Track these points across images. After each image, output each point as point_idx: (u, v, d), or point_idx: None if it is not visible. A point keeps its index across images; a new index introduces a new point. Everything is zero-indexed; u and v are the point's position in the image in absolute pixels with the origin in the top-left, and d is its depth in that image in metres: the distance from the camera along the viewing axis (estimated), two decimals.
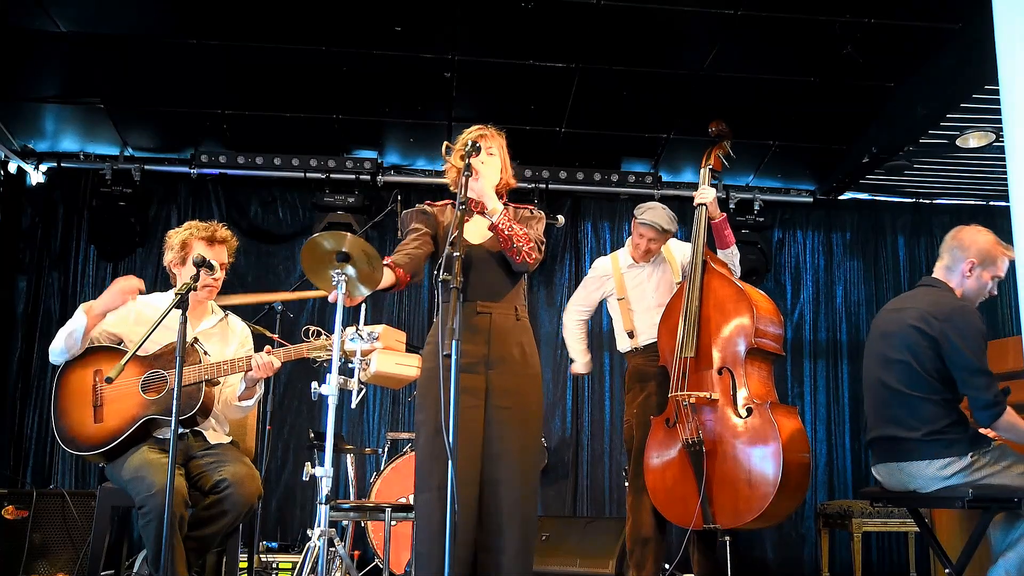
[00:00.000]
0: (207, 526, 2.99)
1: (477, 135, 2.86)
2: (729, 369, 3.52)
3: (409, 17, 4.34)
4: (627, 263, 4.06)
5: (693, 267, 3.75)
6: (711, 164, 3.98)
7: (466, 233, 2.57)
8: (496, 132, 2.92)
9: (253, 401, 3.29)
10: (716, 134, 4.03)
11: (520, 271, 2.77)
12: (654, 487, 3.61)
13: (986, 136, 4.89)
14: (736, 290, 3.63)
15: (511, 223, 2.70)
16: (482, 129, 2.90)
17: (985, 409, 2.98)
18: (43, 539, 4.40)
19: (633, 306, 3.97)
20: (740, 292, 3.61)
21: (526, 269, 2.76)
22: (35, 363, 5.42)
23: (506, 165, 2.92)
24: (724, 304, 3.63)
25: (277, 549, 4.97)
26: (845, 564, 5.11)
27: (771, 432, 3.33)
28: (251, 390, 3.22)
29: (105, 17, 4.37)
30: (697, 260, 3.75)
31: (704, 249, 3.77)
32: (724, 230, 3.86)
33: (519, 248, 2.69)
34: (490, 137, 2.88)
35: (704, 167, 3.98)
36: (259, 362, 3.06)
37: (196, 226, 3.32)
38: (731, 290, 3.64)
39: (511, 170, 2.95)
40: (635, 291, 3.99)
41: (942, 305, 3.11)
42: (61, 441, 3.16)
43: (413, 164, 5.77)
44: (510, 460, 2.63)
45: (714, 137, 4.04)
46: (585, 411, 5.69)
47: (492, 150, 2.87)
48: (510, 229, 2.69)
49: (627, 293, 3.98)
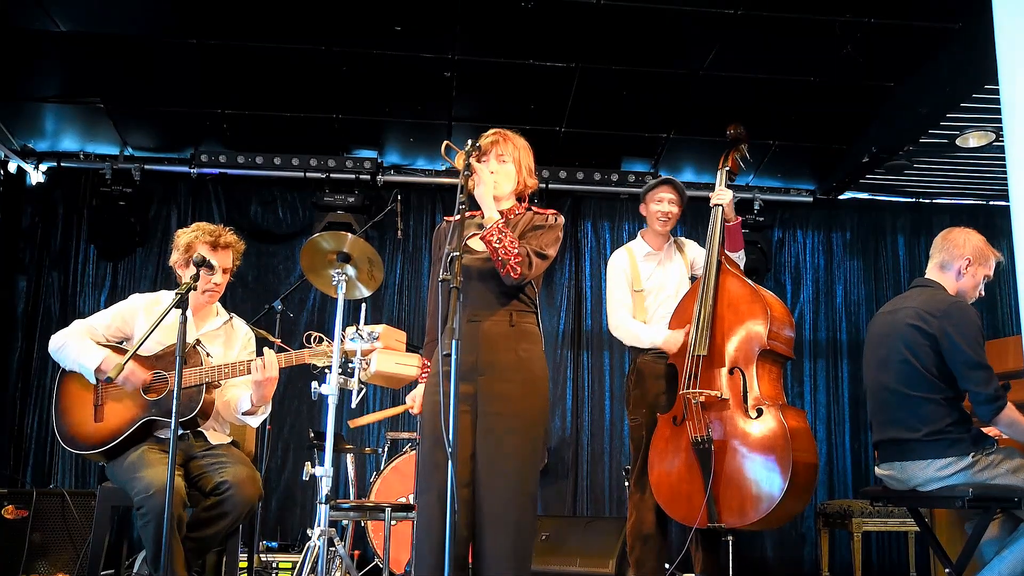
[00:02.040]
0: (207, 527, 2.99)
1: (491, 141, 2.81)
2: (741, 369, 3.53)
3: (409, 17, 4.34)
4: (643, 252, 4.02)
5: (708, 267, 3.75)
6: (728, 166, 3.98)
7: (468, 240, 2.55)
8: (514, 135, 2.85)
9: (257, 420, 3.26)
10: (734, 137, 4.02)
11: (509, 284, 2.67)
12: (658, 485, 3.60)
13: (986, 136, 4.89)
14: (751, 291, 3.64)
15: (502, 233, 2.62)
16: (498, 134, 2.84)
17: (986, 403, 2.98)
18: (43, 539, 4.40)
19: (649, 298, 3.95)
20: (755, 294, 3.62)
21: (512, 283, 2.65)
22: (35, 363, 5.42)
23: (522, 168, 2.84)
24: (738, 305, 3.63)
25: (277, 549, 4.97)
26: (845, 563, 5.11)
27: (781, 434, 3.33)
28: (257, 407, 3.16)
29: (105, 17, 4.37)
30: (712, 260, 3.75)
31: (720, 249, 3.77)
32: (737, 234, 3.87)
33: (504, 261, 2.61)
34: (503, 143, 2.82)
35: (721, 169, 3.97)
36: (259, 364, 3.03)
37: (203, 228, 3.31)
38: (746, 291, 3.65)
39: (532, 173, 2.88)
40: (651, 281, 3.97)
41: (938, 302, 3.12)
42: (61, 440, 3.17)
43: (413, 164, 5.77)
44: (500, 466, 2.58)
45: (731, 140, 4.03)
46: (585, 411, 5.69)
47: (505, 157, 2.80)
48: (498, 241, 2.61)
49: (643, 285, 3.97)
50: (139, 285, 5.50)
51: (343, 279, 2.76)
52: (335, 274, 2.76)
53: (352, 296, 2.86)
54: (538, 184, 2.92)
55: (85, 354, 3.10)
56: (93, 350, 3.11)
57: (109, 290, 5.56)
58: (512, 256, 2.61)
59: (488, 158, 2.79)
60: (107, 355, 3.11)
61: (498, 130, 2.86)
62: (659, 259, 4.01)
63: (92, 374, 3.11)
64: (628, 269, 3.99)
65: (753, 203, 5.84)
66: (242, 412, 3.19)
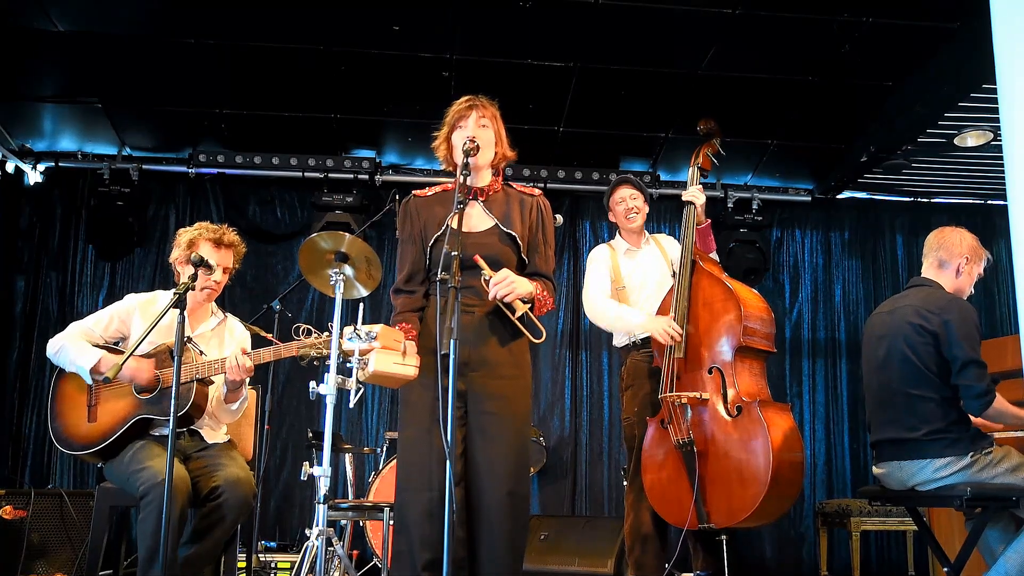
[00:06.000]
0: (206, 535, 3.00)
1: (467, 105, 2.75)
2: (719, 368, 3.51)
3: (407, 16, 4.34)
4: (623, 249, 4.01)
5: (682, 267, 3.73)
6: (699, 162, 3.94)
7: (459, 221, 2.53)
8: (488, 102, 2.80)
9: (239, 405, 3.28)
10: (705, 132, 3.99)
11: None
12: (651, 487, 3.61)
13: (984, 135, 4.90)
14: (724, 288, 3.60)
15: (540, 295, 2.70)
16: (473, 99, 2.78)
17: (978, 398, 2.99)
18: (41, 539, 4.40)
19: (632, 295, 3.93)
20: (728, 291, 3.59)
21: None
22: (33, 362, 5.42)
23: (501, 137, 2.79)
24: (713, 303, 3.61)
25: (276, 549, 4.96)
26: (844, 563, 5.12)
27: (760, 431, 3.32)
28: (234, 393, 3.21)
29: (103, 17, 4.36)
30: (686, 259, 3.72)
31: (693, 248, 3.74)
32: (707, 236, 3.84)
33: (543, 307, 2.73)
34: (482, 107, 2.76)
35: (693, 166, 3.94)
36: (231, 364, 3.05)
37: (206, 227, 3.31)
38: (719, 289, 3.62)
39: (507, 141, 2.82)
40: (631, 278, 3.95)
41: (938, 299, 3.13)
42: (56, 441, 3.18)
43: (411, 163, 5.77)
44: (495, 467, 2.56)
45: (703, 135, 4.00)
46: (584, 410, 5.69)
47: (484, 121, 2.75)
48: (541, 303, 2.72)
49: (624, 283, 3.95)
50: (137, 285, 5.50)
51: (341, 279, 2.76)
52: (333, 274, 2.75)
53: (350, 296, 2.86)
54: (515, 155, 2.86)
55: (82, 356, 3.11)
56: (90, 351, 3.12)
57: (107, 290, 5.56)
58: (548, 302, 2.73)
59: (466, 123, 2.74)
60: (104, 355, 3.12)
61: (471, 96, 2.80)
62: (639, 255, 4.01)
63: (88, 375, 3.11)
64: (610, 262, 3.98)
65: (751, 202, 5.84)
66: (224, 400, 3.23)
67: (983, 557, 3.16)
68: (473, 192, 2.74)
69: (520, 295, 2.60)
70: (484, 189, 2.78)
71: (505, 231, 2.74)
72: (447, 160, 2.81)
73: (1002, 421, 3.11)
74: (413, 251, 2.78)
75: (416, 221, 2.79)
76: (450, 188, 2.80)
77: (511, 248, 2.74)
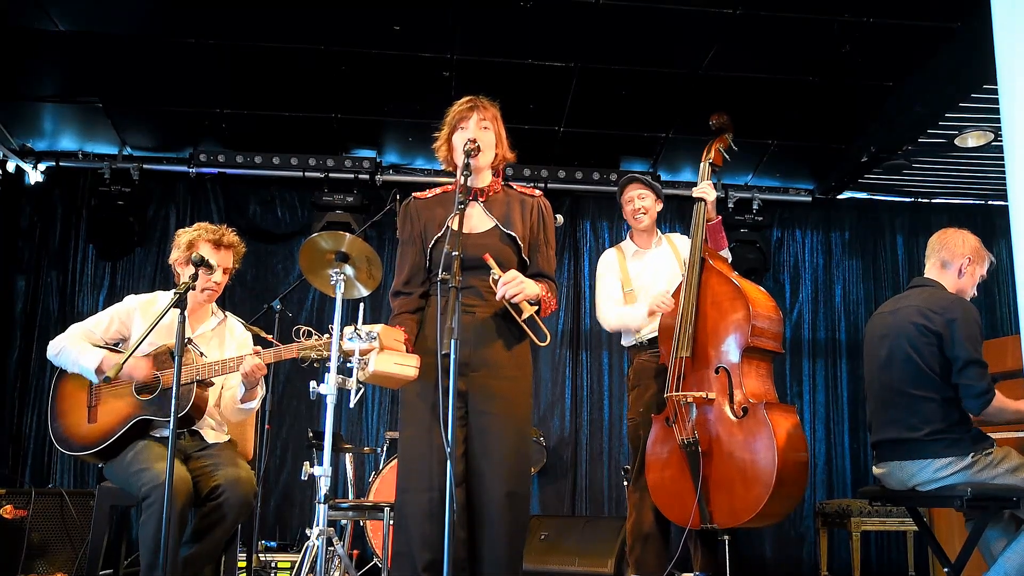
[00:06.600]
0: (208, 534, 3.00)
1: (469, 106, 2.75)
2: (726, 368, 3.47)
3: (408, 16, 4.34)
4: (631, 251, 3.99)
5: (690, 265, 3.66)
6: (711, 158, 3.87)
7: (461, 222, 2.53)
8: (489, 103, 2.79)
9: (255, 403, 3.28)
10: (717, 127, 3.91)
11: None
12: (655, 486, 3.59)
13: (985, 135, 4.89)
14: (733, 287, 3.54)
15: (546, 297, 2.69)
16: (474, 101, 2.77)
17: (978, 397, 3.00)
18: (41, 538, 4.40)
19: (640, 296, 3.88)
20: (737, 289, 3.53)
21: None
22: (34, 362, 5.42)
23: (502, 138, 2.79)
24: (721, 302, 3.55)
25: (276, 548, 4.97)
26: (844, 563, 5.11)
27: (766, 432, 3.30)
28: (252, 392, 3.20)
29: (104, 17, 4.36)
30: (695, 257, 3.65)
31: (703, 246, 3.68)
32: (718, 233, 3.78)
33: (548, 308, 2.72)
34: (483, 108, 2.76)
35: (704, 161, 3.86)
36: (246, 368, 3.05)
37: (206, 228, 3.31)
38: (728, 287, 3.56)
39: (507, 143, 2.82)
40: (640, 279, 3.93)
41: (941, 299, 3.14)
42: (56, 441, 3.18)
43: (412, 163, 5.77)
44: (497, 469, 2.56)
45: (715, 130, 3.92)
46: (584, 410, 5.69)
47: (485, 123, 2.75)
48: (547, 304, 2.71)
49: (633, 284, 3.93)
50: (138, 285, 5.50)
51: (342, 279, 2.76)
52: (333, 274, 2.75)
53: (351, 296, 2.86)
54: (514, 156, 2.86)
55: (84, 356, 3.11)
56: (91, 351, 3.13)
57: (108, 290, 5.56)
58: (552, 303, 2.72)
59: (467, 124, 2.74)
60: (105, 355, 3.12)
61: (472, 97, 2.79)
62: (648, 256, 3.99)
63: (93, 374, 3.11)
64: (618, 267, 3.97)
65: (752, 202, 5.84)
66: (241, 401, 3.22)
67: (983, 557, 3.17)
68: (473, 193, 2.74)
69: (529, 296, 2.60)
70: (484, 190, 2.78)
71: (505, 232, 2.73)
72: (447, 161, 2.81)
73: (1002, 417, 3.11)
74: (413, 252, 2.78)
75: (416, 222, 2.79)
76: (450, 189, 2.80)
77: (511, 249, 2.73)
